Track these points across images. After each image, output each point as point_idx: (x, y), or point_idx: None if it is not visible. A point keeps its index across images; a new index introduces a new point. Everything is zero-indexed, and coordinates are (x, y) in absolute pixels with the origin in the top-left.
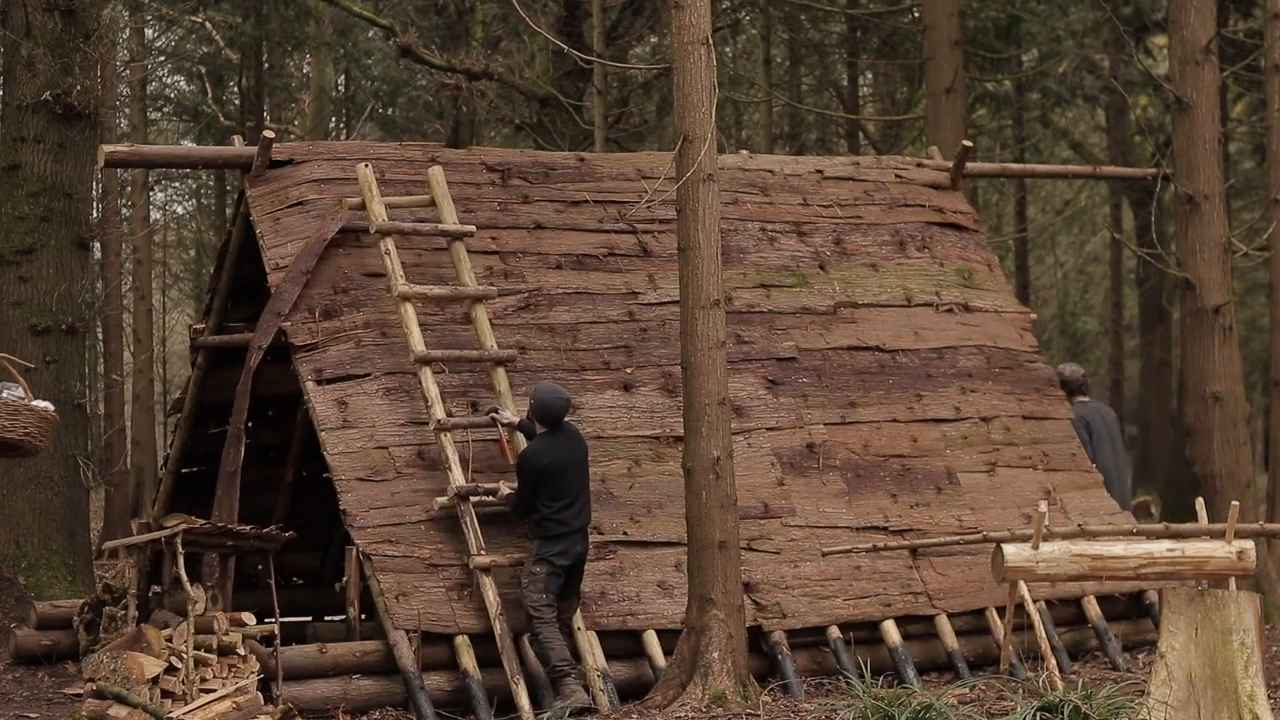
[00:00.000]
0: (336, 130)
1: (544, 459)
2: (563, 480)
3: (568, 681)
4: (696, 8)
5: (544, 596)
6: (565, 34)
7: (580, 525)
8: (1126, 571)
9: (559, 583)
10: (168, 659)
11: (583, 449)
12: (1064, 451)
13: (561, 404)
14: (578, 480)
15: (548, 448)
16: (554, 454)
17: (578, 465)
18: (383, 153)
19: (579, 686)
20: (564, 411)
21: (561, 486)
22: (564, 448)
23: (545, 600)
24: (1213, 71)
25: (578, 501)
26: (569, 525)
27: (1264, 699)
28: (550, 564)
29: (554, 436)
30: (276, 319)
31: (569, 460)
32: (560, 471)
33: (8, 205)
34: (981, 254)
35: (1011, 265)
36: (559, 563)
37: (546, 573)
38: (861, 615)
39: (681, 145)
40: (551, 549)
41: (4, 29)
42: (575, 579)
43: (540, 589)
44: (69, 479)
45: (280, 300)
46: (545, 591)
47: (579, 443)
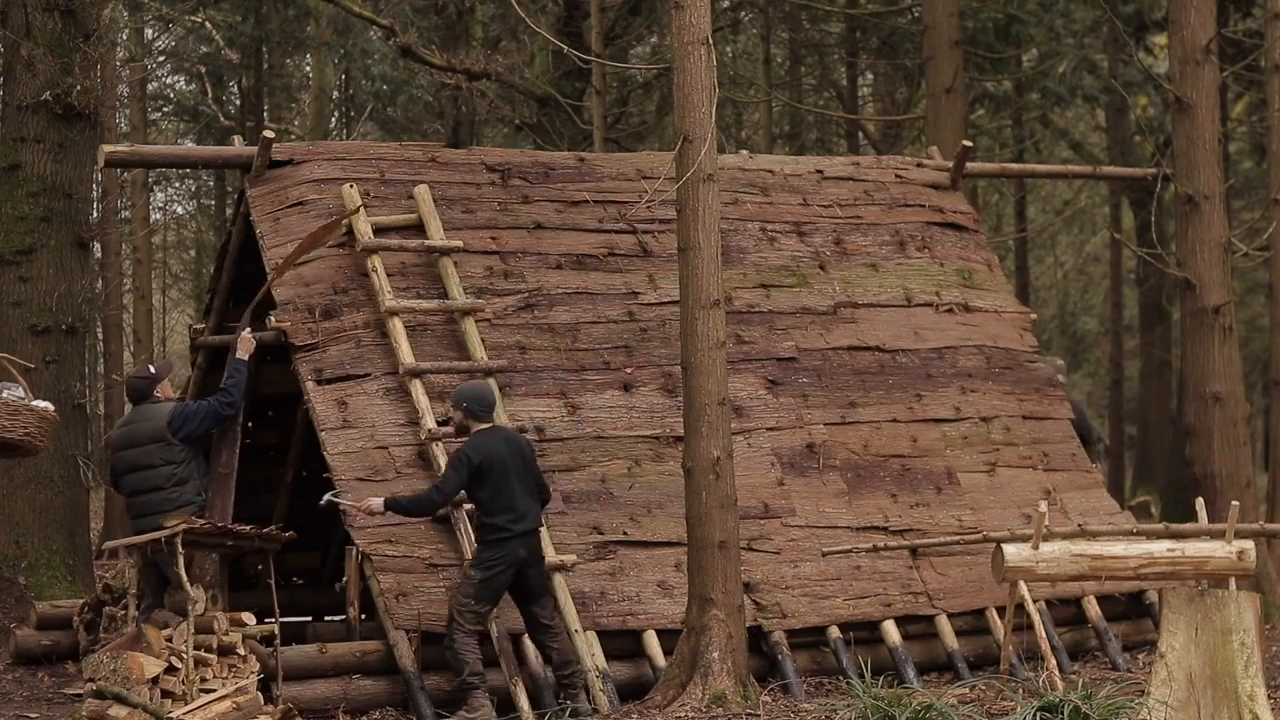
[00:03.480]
0: (336, 130)
1: (479, 455)
2: (500, 479)
3: (476, 695)
4: (696, 8)
5: (470, 602)
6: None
7: (522, 530)
8: (1126, 571)
9: (496, 591)
10: (168, 659)
11: (521, 449)
12: (1064, 451)
13: (490, 393)
14: (519, 480)
15: (481, 445)
16: (491, 451)
17: (516, 464)
18: (383, 153)
19: (487, 700)
20: (494, 401)
21: (499, 486)
22: (500, 445)
23: (471, 606)
24: (1213, 71)
25: (520, 502)
26: (511, 530)
27: (1264, 699)
28: (485, 570)
29: (488, 434)
30: None
31: (506, 458)
32: (496, 470)
33: (8, 205)
34: (981, 254)
35: (1011, 265)
36: (499, 567)
37: (480, 579)
38: (861, 615)
39: (681, 145)
40: (490, 553)
41: (4, 29)
42: (535, 576)
43: (469, 593)
44: (69, 479)
45: None
46: (474, 598)
47: (517, 441)
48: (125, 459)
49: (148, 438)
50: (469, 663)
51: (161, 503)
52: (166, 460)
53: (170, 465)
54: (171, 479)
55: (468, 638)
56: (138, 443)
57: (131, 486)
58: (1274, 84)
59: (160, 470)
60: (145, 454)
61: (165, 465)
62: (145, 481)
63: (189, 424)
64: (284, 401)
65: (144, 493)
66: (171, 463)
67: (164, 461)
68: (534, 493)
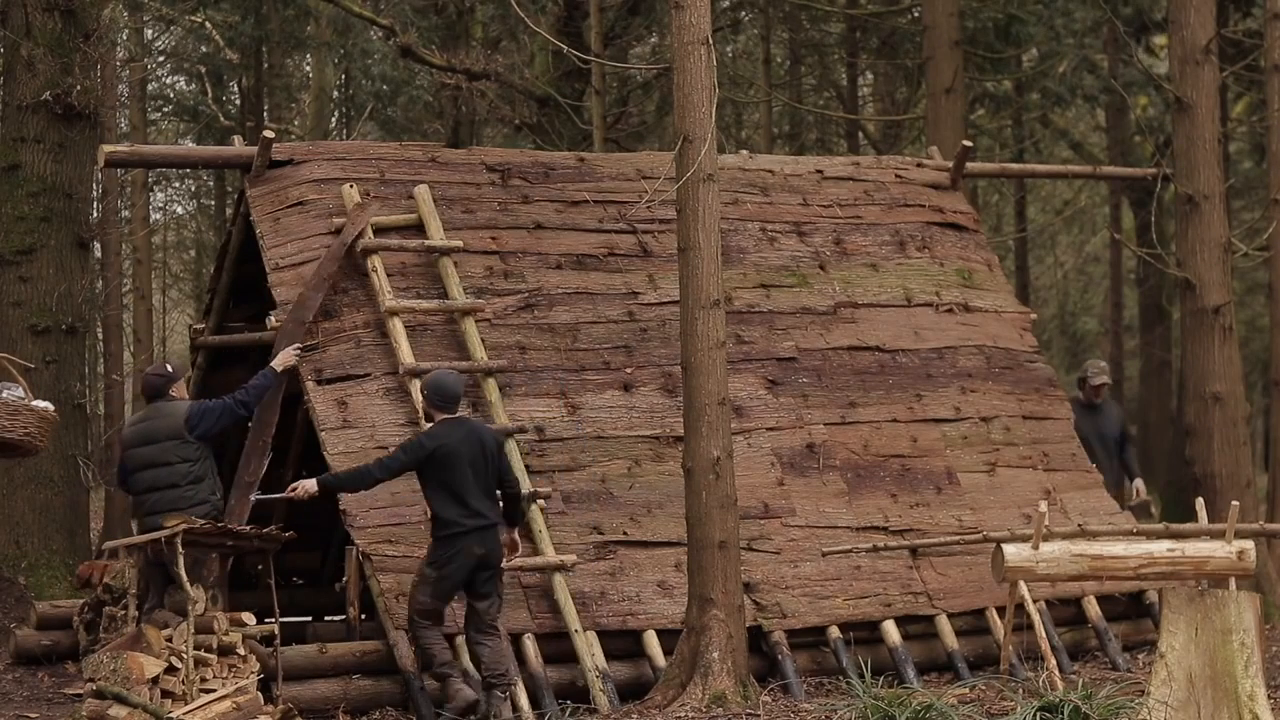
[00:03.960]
0: (336, 130)
1: (435, 443)
2: (453, 473)
3: (452, 681)
4: (696, 8)
5: (427, 601)
6: (565, 34)
7: (476, 526)
8: (1126, 571)
9: (451, 588)
10: (168, 659)
11: (481, 443)
12: (1064, 451)
13: (455, 383)
14: (477, 474)
15: (440, 434)
16: (448, 440)
17: (475, 459)
18: (383, 153)
19: (464, 685)
20: (458, 392)
21: (452, 479)
22: (461, 436)
23: (428, 605)
24: (1213, 71)
25: (476, 498)
26: (464, 525)
27: (1264, 699)
28: (439, 567)
29: (451, 425)
30: (300, 327)
31: (462, 451)
32: (451, 462)
33: (8, 205)
34: (981, 254)
35: (1011, 265)
36: (452, 564)
37: (436, 577)
38: (861, 615)
39: (681, 145)
40: (444, 550)
41: (4, 29)
42: (487, 579)
43: (426, 593)
44: (69, 479)
45: (304, 309)
46: (431, 596)
47: (482, 434)
48: (139, 456)
49: (165, 434)
50: (435, 654)
51: (177, 500)
52: (183, 458)
53: (186, 463)
54: (188, 476)
55: (429, 630)
56: (154, 439)
57: (145, 484)
58: (1274, 84)
59: (177, 468)
60: (162, 451)
61: (181, 463)
62: (160, 479)
63: (206, 420)
64: (284, 401)
65: (159, 490)
66: (188, 460)
67: (180, 459)
68: (491, 490)
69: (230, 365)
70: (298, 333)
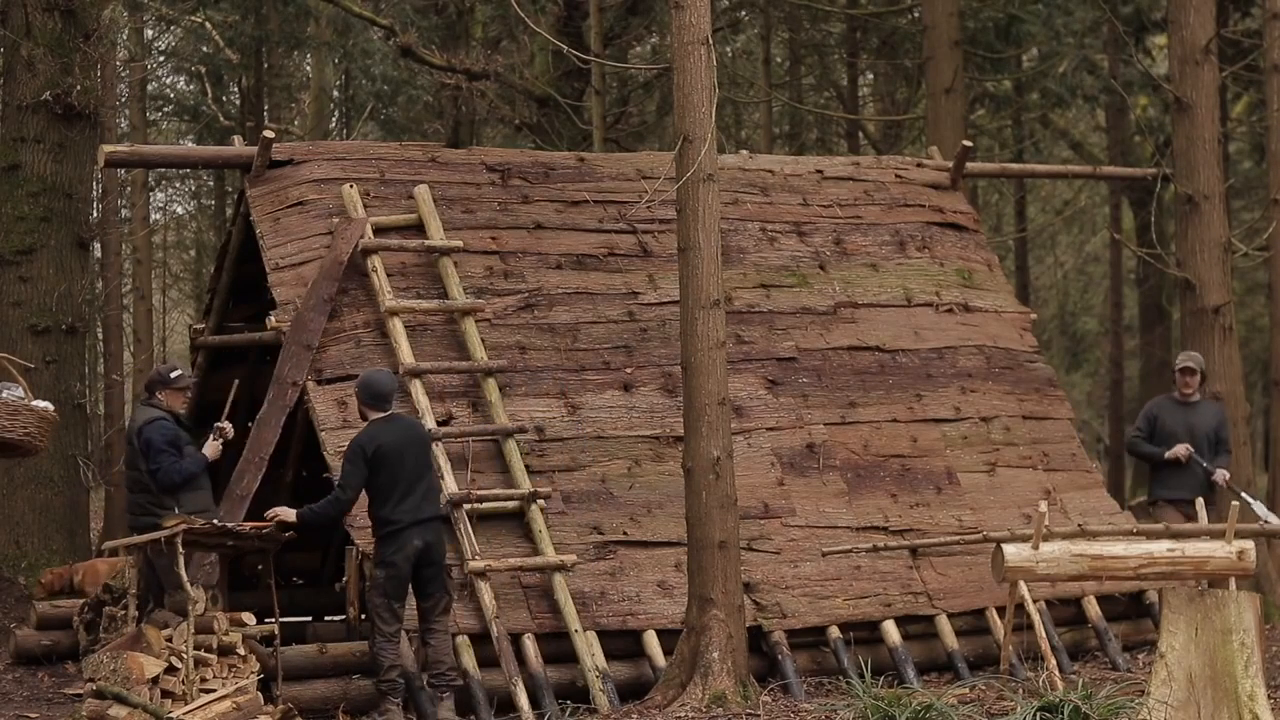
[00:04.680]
0: (336, 130)
1: (373, 444)
2: (396, 468)
3: (389, 699)
4: (696, 8)
5: (383, 601)
6: (565, 34)
7: (419, 519)
8: (1126, 572)
9: (399, 585)
10: (168, 659)
11: (419, 436)
12: (1064, 451)
13: (386, 381)
14: (414, 469)
15: (376, 433)
16: (385, 439)
17: (414, 453)
18: (383, 153)
19: (395, 706)
20: (389, 390)
21: (394, 475)
22: (396, 433)
23: (384, 604)
24: (1213, 71)
25: (414, 493)
26: (402, 520)
27: (1264, 699)
28: (387, 566)
29: (384, 423)
30: (307, 351)
31: (402, 446)
32: (393, 459)
33: (8, 205)
34: (981, 254)
35: (1011, 265)
36: (397, 561)
37: (385, 576)
38: (861, 615)
39: (681, 145)
40: (387, 549)
41: (4, 29)
42: (431, 577)
43: (380, 593)
44: (69, 479)
45: (307, 332)
46: (385, 596)
47: (416, 430)
48: None
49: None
50: (384, 662)
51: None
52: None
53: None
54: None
55: (386, 640)
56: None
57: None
58: (1274, 84)
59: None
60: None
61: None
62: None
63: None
64: None
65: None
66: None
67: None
68: (430, 484)
69: (230, 365)
70: (306, 358)
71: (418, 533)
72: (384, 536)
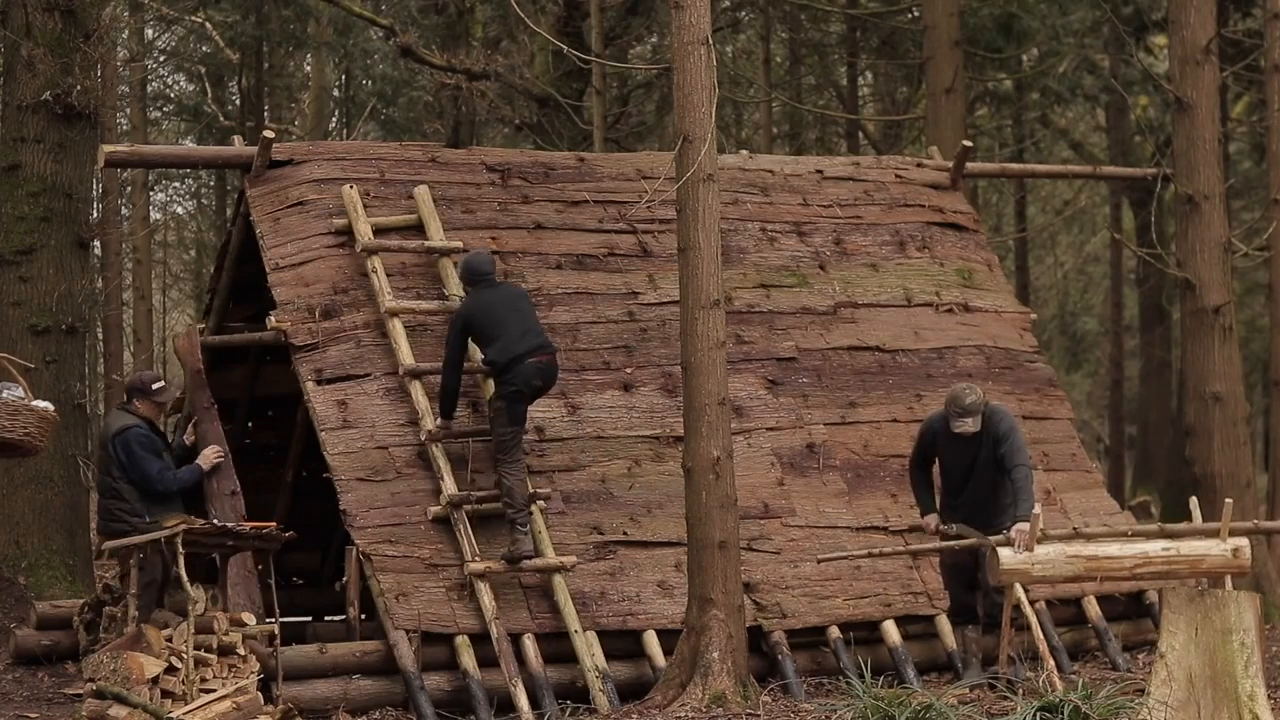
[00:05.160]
0: (336, 130)
1: (466, 310)
2: (491, 316)
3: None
4: (696, 8)
5: (510, 429)
6: (565, 34)
7: (526, 349)
8: (1123, 572)
9: (522, 410)
10: (168, 659)
11: (516, 294)
12: (1064, 451)
13: (482, 261)
14: (512, 316)
15: (470, 301)
16: (478, 302)
17: (509, 304)
18: (383, 153)
19: (525, 534)
20: (485, 268)
21: (492, 323)
22: (489, 296)
23: (508, 434)
24: (1213, 71)
25: (512, 331)
26: (512, 352)
27: (1264, 699)
28: (506, 396)
29: (480, 290)
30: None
31: (495, 301)
32: (487, 311)
33: (8, 205)
34: (981, 254)
35: (1011, 265)
36: (513, 388)
37: (505, 406)
38: (861, 615)
39: (681, 145)
40: (505, 381)
41: (4, 29)
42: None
43: (504, 421)
44: (69, 479)
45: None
46: (510, 424)
47: (511, 290)
48: None
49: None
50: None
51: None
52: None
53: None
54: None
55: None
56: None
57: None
58: (1274, 84)
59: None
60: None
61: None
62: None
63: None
64: (284, 401)
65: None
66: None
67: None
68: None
69: (230, 365)
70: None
71: (531, 363)
72: (501, 370)
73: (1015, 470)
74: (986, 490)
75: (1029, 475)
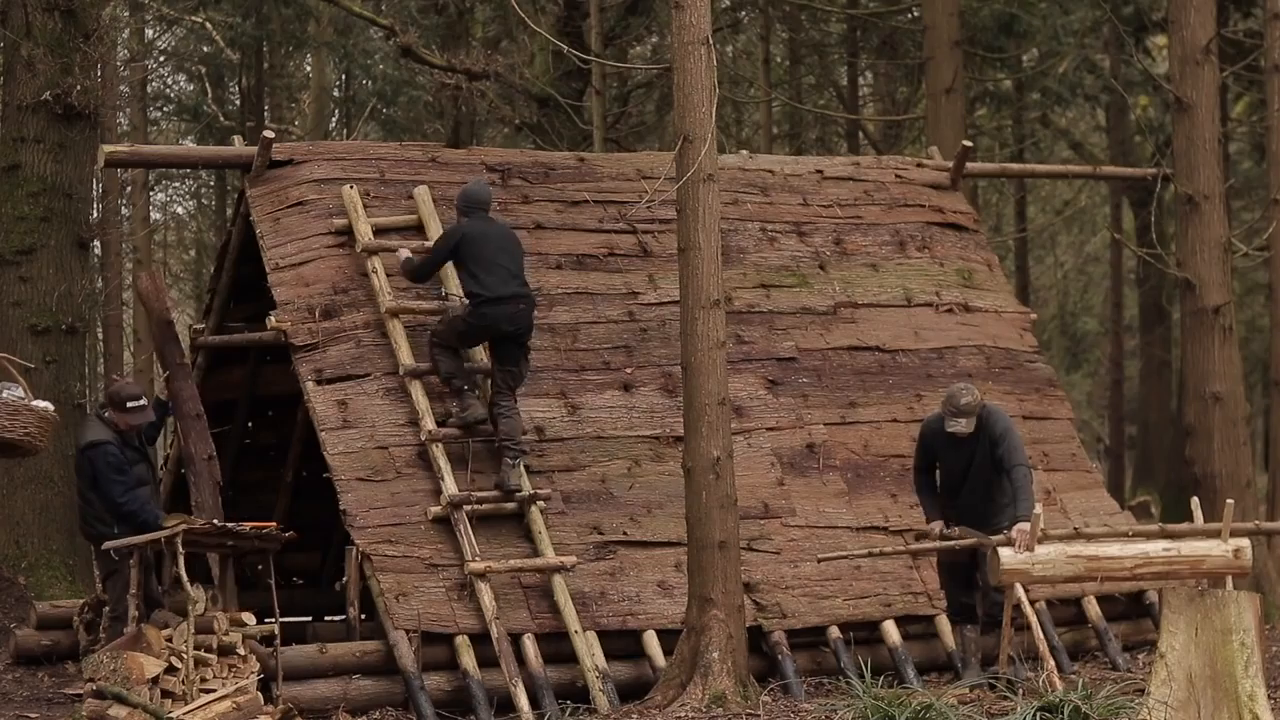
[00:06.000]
0: (336, 130)
1: (458, 232)
2: (483, 249)
3: (465, 394)
4: (696, 8)
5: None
6: (565, 34)
7: (506, 293)
8: (1123, 572)
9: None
10: (168, 659)
11: (508, 234)
12: (1064, 451)
13: (479, 190)
14: (500, 256)
15: (469, 225)
16: (476, 231)
17: (499, 241)
18: (383, 153)
19: (475, 400)
20: (484, 196)
21: (482, 257)
22: (486, 228)
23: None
24: (1213, 71)
25: (498, 272)
26: (493, 292)
27: (1264, 699)
28: (469, 322)
29: (477, 220)
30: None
31: (487, 233)
32: (481, 242)
33: (8, 205)
34: (981, 254)
35: (1011, 265)
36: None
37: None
38: (861, 615)
39: (681, 145)
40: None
41: (4, 29)
42: (508, 352)
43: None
44: (69, 479)
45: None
46: (456, 339)
47: (504, 229)
48: None
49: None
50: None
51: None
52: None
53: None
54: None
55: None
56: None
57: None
58: (1274, 84)
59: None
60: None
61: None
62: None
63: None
64: (284, 401)
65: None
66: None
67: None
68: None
69: (230, 365)
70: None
71: (505, 308)
72: (475, 303)
73: (1014, 470)
74: (984, 490)
75: (1028, 475)
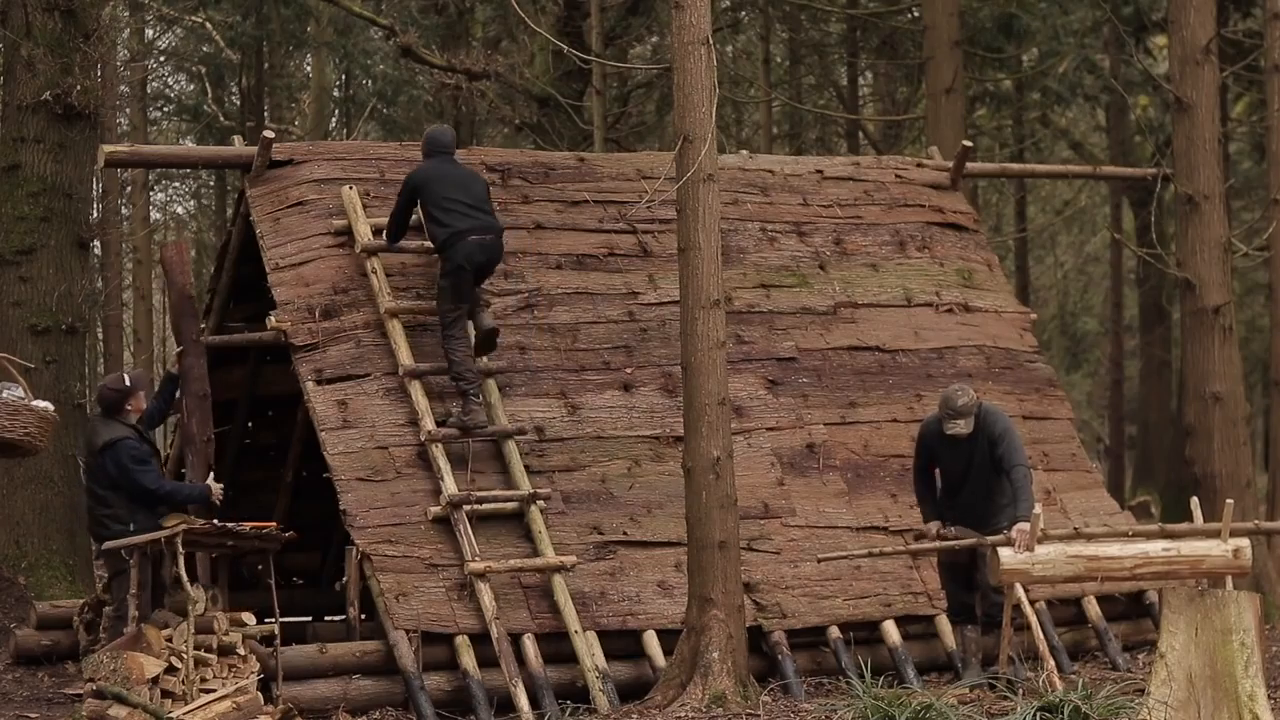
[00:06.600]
0: (336, 130)
1: (417, 175)
2: (441, 188)
3: (472, 399)
4: (696, 8)
5: (451, 306)
6: (565, 34)
7: (469, 227)
8: (1123, 572)
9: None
10: (168, 659)
11: (470, 175)
12: (1064, 451)
13: (443, 133)
14: (460, 193)
15: (424, 168)
16: (431, 171)
17: (456, 179)
18: (383, 153)
19: (479, 405)
20: (444, 139)
21: (440, 196)
22: (444, 168)
23: (453, 309)
24: (1213, 71)
25: (458, 208)
26: (454, 227)
27: (1264, 699)
28: (449, 274)
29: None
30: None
31: (445, 173)
32: (439, 181)
33: (8, 205)
34: (981, 254)
35: (1011, 265)
36: (455, 264)
37: (450, 283)
38: (861, 615)
39: (681, 145)
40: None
41: (4, 29)
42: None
43: (448, 299)
44: (69, 479)
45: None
46: (454, 301)
47: (467, 171)
48: None
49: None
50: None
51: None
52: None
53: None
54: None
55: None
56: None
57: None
58: (1274, 84)
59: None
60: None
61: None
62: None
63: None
64: (284, 401)
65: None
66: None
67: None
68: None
69: (230, 365)
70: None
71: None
72: (443, 244)
73: (1014, 470)
74: (984, 491)
75: (1027, 475)
